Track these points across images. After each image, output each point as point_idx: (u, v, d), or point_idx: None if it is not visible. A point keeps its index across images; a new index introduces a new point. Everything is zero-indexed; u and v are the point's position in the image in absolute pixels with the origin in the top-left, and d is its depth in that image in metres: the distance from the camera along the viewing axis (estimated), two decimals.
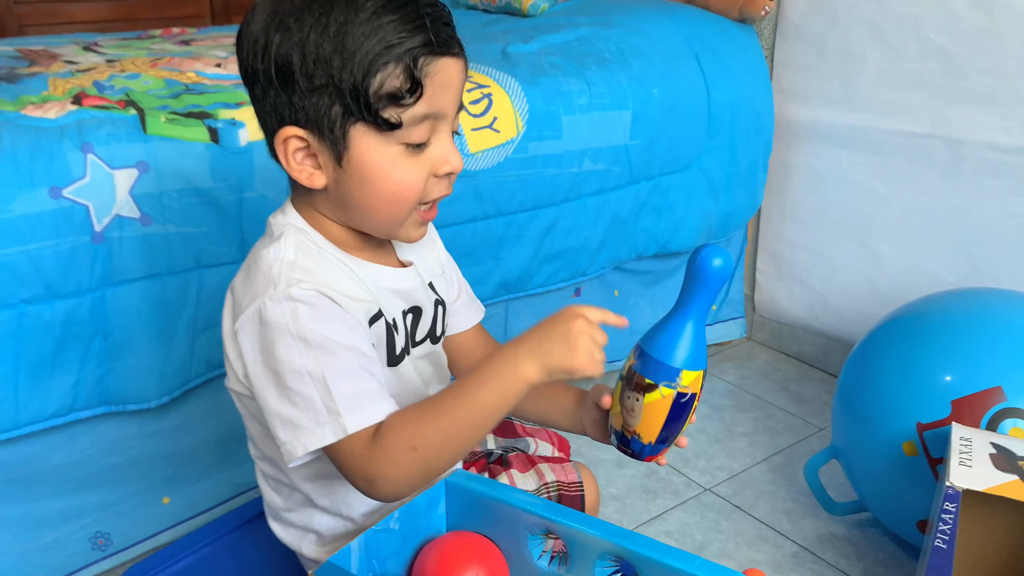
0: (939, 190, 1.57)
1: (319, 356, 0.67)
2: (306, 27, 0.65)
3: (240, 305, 0.71)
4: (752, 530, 1.36)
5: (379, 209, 0.72)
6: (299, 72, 0.66)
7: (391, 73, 0.66)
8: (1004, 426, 1.10)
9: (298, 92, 0.67)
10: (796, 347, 1.92)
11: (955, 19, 1.49)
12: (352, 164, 0.69)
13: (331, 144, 0.69)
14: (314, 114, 0.67)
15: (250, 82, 0.70)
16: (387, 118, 0.67)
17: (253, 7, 0.69)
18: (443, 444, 0.69)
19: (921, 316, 1.25)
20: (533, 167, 1.40)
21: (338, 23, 0.65)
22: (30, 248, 1.00)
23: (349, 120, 0.67)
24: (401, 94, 0.66)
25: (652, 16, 1.68)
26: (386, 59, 0.65)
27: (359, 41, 0.65)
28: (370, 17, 0.65)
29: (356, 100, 0.66)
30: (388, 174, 0.70)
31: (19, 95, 1.14)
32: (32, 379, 1.04)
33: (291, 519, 0.83)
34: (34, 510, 1.14)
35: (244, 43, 0.69)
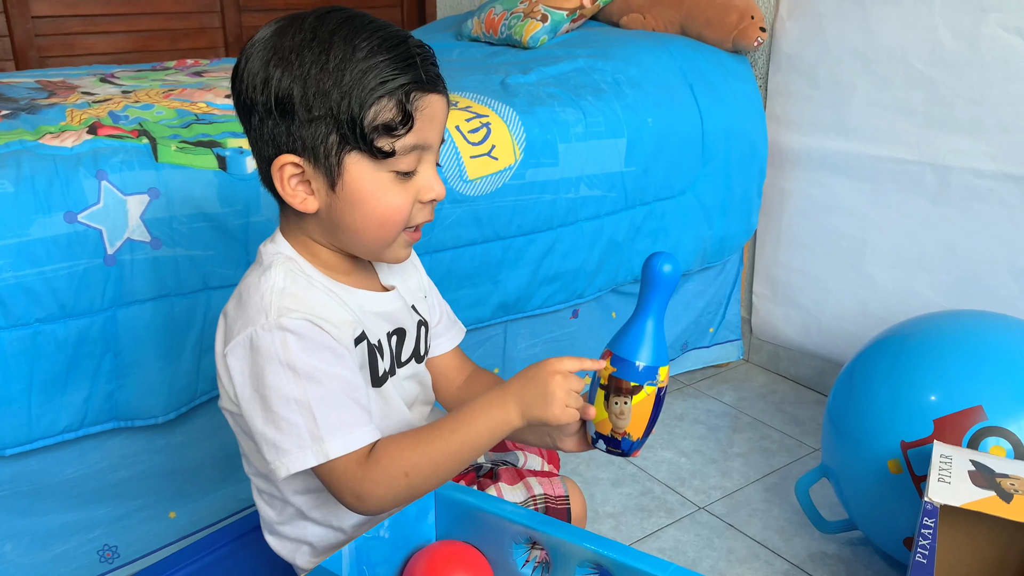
0: (928, 215, 1.61)
1: (306, 385, 0.72)
2: (307, 63, 0.70)
3: (232, 331, 0.75)
4: (744, 548, 1.39)
5: (369, 232, 0.76)
6: (299, 104, 0.71)
7: (385, 106, 0.71)
8: (985, 444, 1.12)
9: (297, 122, 0.72)
10: (792, 369, 1.95)
11: (940, 50, 1.53)
12: (345, 189, 0.74)
13: (326, 171, 0.73)
14: (311, 143, 0.72)
15: (247, 113, 0.75)
16: (381, 147, 0.72)
17: (250, 45, 0.74)
18: (432, 472, 0.76)
19: (906, 337, 1.28)
20: (531, 193, 1.45)
21: (337, 59, 0.70)
22: (46, 270, 1.05)
23: (344, 149, 0.72)
24: (394, 125, 0.72)
25: (648, 48, 1.73)
26: (380, 93, 0.71)
27: (356, 77, 0.70)
28: (366, 55, 0.71)
29: (352, 130, 0.71)
30: (379, 199, 0.75)
31: (38, 125, 1.20)
32: (45, 395, 1.09)
33: (285, 531, 0.86)
34: (44, 523, 1.18)
35: (243, 78, 0.74)
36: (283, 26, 0.73)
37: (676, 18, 1.86)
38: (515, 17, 1.93)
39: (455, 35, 2.17)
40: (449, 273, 1.41)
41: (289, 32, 0.72)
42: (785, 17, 1.78)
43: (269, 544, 0.89)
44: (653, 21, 1.90)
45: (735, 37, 1.75)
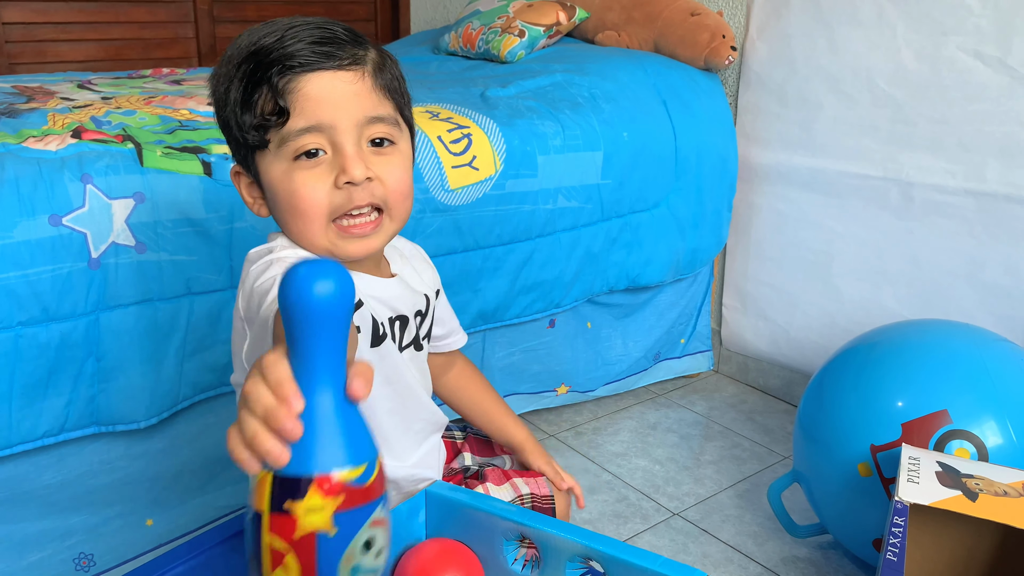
0: (892, 229, 1.66)
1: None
2: (215, 80, 0.77)
3: (251, 294, 0.75)
4: (718, 552, 1.42)
5: (295, 225, 0.76)
6: (218, 118, 0.78)
7: (264, 98, 0.73)
8: (950, 447, 1.17)
9: (226, 135, 0.78)
10: (761, 380, 1.99)
11: (903, 71, 1.60)
12: (267, 189, 0.77)
13: (254, 175, 0.78)
14: (237, 152, 0.78)
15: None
16: (260, 140, 0.74)
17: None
18: None
19: (874, 345, 1.33)
20: (510, 203, 1.47)
21: (226, 69, 0.75)
22: (29, 273, 1.05)
23: (253, 152, 0.76)
24: (270, 116, 0.73)
25: (622, 64, 1.78)
26: (251, 83, 0.73)
27: (235, 83, 0.74)
28: (241, 62, 0.74)
29: (243, 132, 0.75)
30: (286, 187, 0.75)
31: (20, 129, 1.20)
32: (26, 399, 1.08)
33: None
34: (20, 530, 1.17)
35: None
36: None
37: (650, 36, 1.90)
38: (493, 32, 1.96)
39: (432, 49, 2.20)
40: None
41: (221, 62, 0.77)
42: (755, 37, 1.83)
43: None
44: (627, 39, 1.94)
45: (707, 55, 1.80)
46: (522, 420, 1.07)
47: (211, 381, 1.25)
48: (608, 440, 1.76)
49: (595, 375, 1.81)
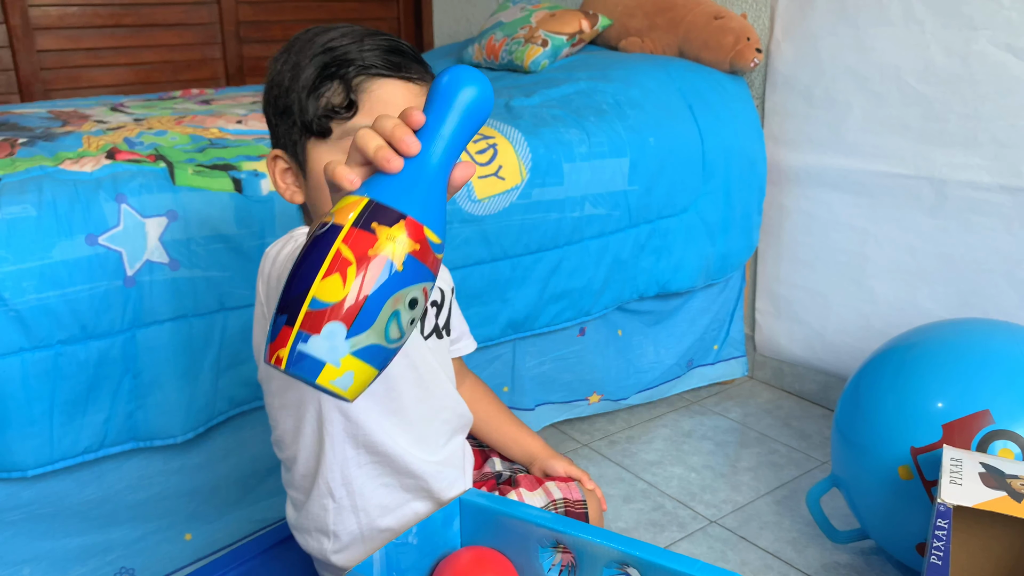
0: (926, 228, 1.64)
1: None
2: (279, 64, 0.81)
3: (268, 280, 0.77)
4: (757, 560, 1.40)
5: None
6: (275, 103, 0.81)
7: (335, 91, 0.78)
8: (993, 447, 1.14)
9: (276, 120, 0.81)
10: (797, 384, 1.97)
11: (933, 67, 1.57)
12: (310, 176, 0.81)
13: (298, 162, 0.81)
14: (286, 137, 0.81)
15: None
16: (329, 128, 0.79)
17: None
18: None
19: (912, 346, 1.30)
20: (537, 212, 1.47)
21: (296, 58, 0.80)
22: (67, 292, 1.07)
23: (305, 137, 0.80)
24: (339, 108, 0.78)
25: (647, 70, 1.77)
26: (326, 77, 0.78)
27: (310, 70, 0.79)
28: (321, 51, 0.79)
29: (305, 118, 0.78)
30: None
31: (56, 152, 1.22)
32: (66, 416, 1.10)
33: (311, 523, 0.87)
34: (62, 546, 1.19)
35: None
36: (285, 47, 0.83)
37: (674, 41, 1.90)
38: (516, 42, 1.97)
39: (455, 62, 2.21)
40: (458, 292, 1.43)
41: (285, 50, 0.82)
42: (780, 38, 1.82)
43: (297, 540, 0.91)
44: (651, 44, 1.94)
45: (732, 58, 1.79)
46: (525, 426, 1.08)
47: (246, 395, 1.26)
48: (642, 448, 1.74)
49: (627, 383, 1.80)
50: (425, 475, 0.86)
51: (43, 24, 2.33)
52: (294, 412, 0.81)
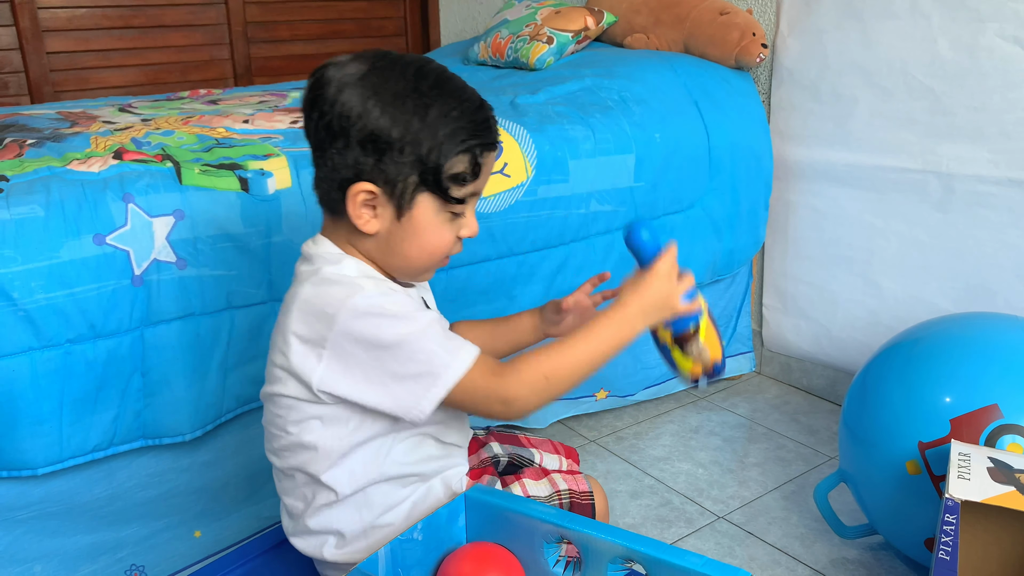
0: (934, 222, 1.63)
1: (409, 322, 0.80)
2: (408, 111, 0.79)
3: (322, 317, 0.79)
4: (765, 555, 1.39)
5: (419, 259, 0.85)
6: (393, 144, 0.79)
7: (460, 160, 0.81)
8: (1002, 442, 1.14)
9: (386, 159, 0.79)
10: (805, 380, 1.96)
11: (940, 61, 1.57)
12: (411, 222, 0.82)
13: (397, 203, 0.81)
14: (392, 178, 0.80)
15: (333, 138, 0.80)
16: (453, 194, 0.82)
17: (339, 75, 0.80)
18: (569, 374, 0.84)
19: (919, 340, 1.30)
20: (543, 209, 1.47)
21: (433, 116, 0.79)
22: (76, 291, 1.08)
23: (420, 189, 0.81)
24: (465, 177, 0.82)
25: (652, 66, 1.77)
26: (461, 149, 0.81)
27: (446, 134, 0.80)
28: (457, 117, 0.80)
29: (433, 176, 0.80)
30: (434, 234, 0.84)
31: (64, 152, 1.23)
32: (75, 414, 1.11)
33: (311, 524, 0.88)
34: (73, 543, 1.20)
35: (334, 105, 0.79)
36: (381, 68, 0.80)
37: (679, 37, 1.90)
38: (521, 40, 1.97)
39: (462, 60, 2.21)
40: (465, 289, 1.43)
41: (390, 77, 0.80)
42: (786, 33, 1.82)
43: (294, 545, 0.91)
44: (656, 41, 1.94)
45: (737, 54, 1.79)
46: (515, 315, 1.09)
47: (253, 393, 1.27)
48: (650, 444, 1.74)
49: (634, 379, 1.80)
50: (452, 483, 0.91)
51: (52, 26, 2.35)
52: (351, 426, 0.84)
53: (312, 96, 0.81)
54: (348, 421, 0.83)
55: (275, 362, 0.84)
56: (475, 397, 0.82)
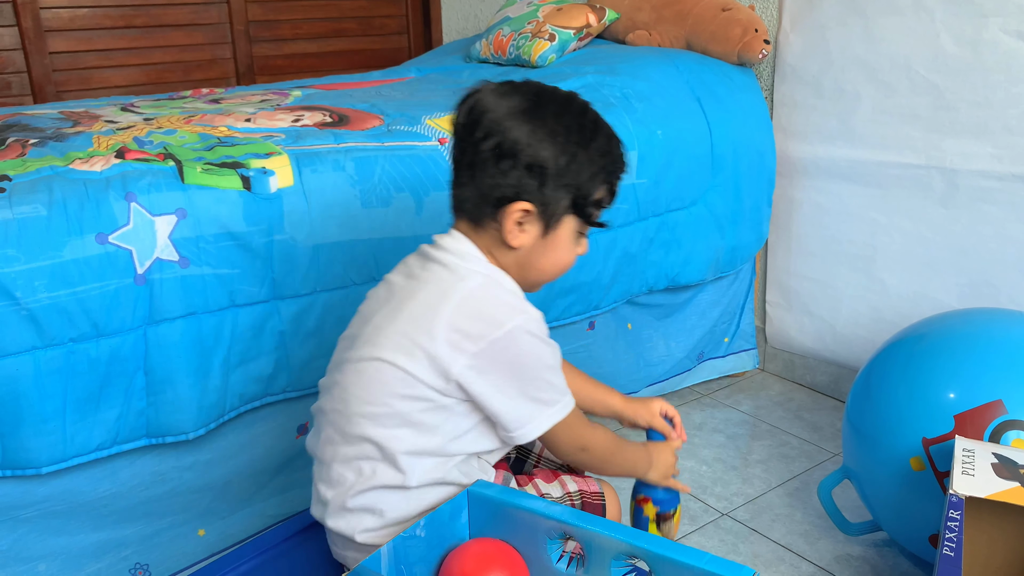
0: (937, 218, 1.63)
1: (557, 353, 0.90)
2: (572, 143, 0.88)
3: (490, 320, 0.86)
4: (769, 552, 1.39)
5: (551, 273, 0.94)
6: (556, 171, 0.87)
7: (604, 189, 0.92)
8: (1007, 438, 1.13)
9: (547, 183, 0.87)
10: (808, 376, 1.96)
11: (943, 56, 1.56)
12: (553, 240, 0.91)
13: (546, 222, 0.89)
14: (549, 200, 0.88)
15: (499, 158, 0.87)
16: (595, 219, 0.93)
17: (493, 108, 0.87)
18: (600, 462, 0.98)
19: (922, 336, 1.30)
20: None
21: (593, 151, 0.90)
22: (79, 290, 1.08)
23: (569, 211, 0.90)
24: (604, 203, 0.93)
25: (654, 63, 1.77)
26: (609, 180, 0.92)
27: (600, 166, 0.90)
28: (609, 152, 0.92)
29: (583, 201, 0.90)
30: (568, 251, 0.94)
31: (66, 151, 1.23)
32: (79, 413, 1.11)
33: (354, 503, 0.88)
34: (77, 542, 1.20)
35: (499, 133, 0.86)
36: (543, 102, 0.89)
37: (681, 34, 1.89)
38: (523, 37, 1.97)
39: (463, 58, 2.21)
40: None
41: (556, 112, 0.88)
42: (788, 29, 1.81)
43: (329, 527, 0.91)
44: (659, 37, 1.94)
45: (740, 50, 1.79)
46: (604, 385, 1.15)
47: (256, 391, 1.27)
48: None
49: (637, 376, 1.79)
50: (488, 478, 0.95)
51: (55, 26, 2.35)
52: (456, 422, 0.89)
53: (470, 120, 0.88)
54: (457, 417, 0.87)
55: (412, 336, 0.86)
56: (566, 436, 0.92)
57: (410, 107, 1.56)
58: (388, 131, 1.41)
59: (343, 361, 0.91)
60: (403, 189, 1.33)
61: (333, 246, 1.26)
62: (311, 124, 1.43)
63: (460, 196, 0.91)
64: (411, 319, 0.87)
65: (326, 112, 1.52)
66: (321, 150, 1.30)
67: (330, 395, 0.92)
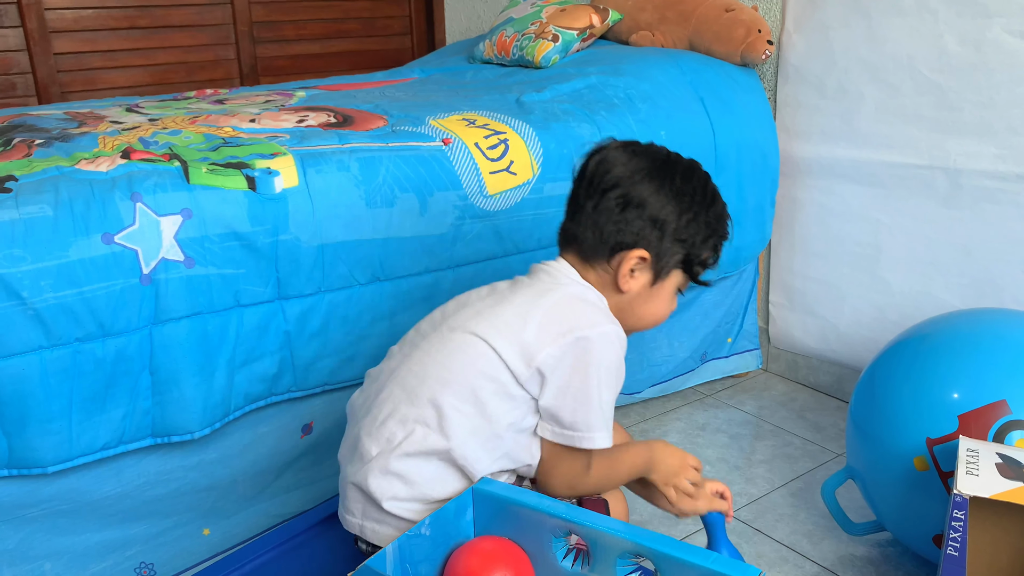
0: (941, 218, 1.63)
1: (615, 388, 0.95)
2: (696, 206, 0.98)
3: (568, 322, 0.92)
4: (773, 552, 1.39)
5: (649, 322, 1.02)
6: (676, 227, 0.96)
7: (712, 251, 1.01)
8: (1011, 438, 1.13)
9: (666, 236, 0.96)
10: (812, 377, 1.96)
11: (947, 56, 1.56)
12: (659, 290, 1.00)
13: (656, 272, 0.98)
14: (664, 252, 0.97)
15: (625, 206, 0.96)
16: (697, 275, 1.01)
17: (620, 163, 0.97)
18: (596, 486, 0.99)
19: (926, 336, 1.30)
20: (549, 207, 1.48)
21: (712, 215, 0.99)
22: (84, 290, 1.08)
23: (679, 265, 0.99)
24: (709, 263, 1.02)
25: (658, 63, 1.77)
26: (715, 244, 1.01)
27: (713, 229, 1.00)
28: (720, 219, 1.01)
29: (694, 258, 0.99)
30: (667, 304, 1.02)
31: (72, 152, 1.24)
32: (85, 412, 1.11)
33: (396, 465, 0.90)
34: (82, 541, 1.20)
35: (628, 187, 0.95)
36: (672, 165, 0.99)
37: (684, 34, 1.89)
38: (526, 38, 1.97)
39: (467, 58, 2.22)
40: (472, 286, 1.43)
41: (678, 172, 0.98)
42: (792, 30, 1.81)
43: (361, 485, 0.93)
44: (662, 38, 1.94)
45: (743, 51, 1.79)
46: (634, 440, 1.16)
47: (260, 391, 1.27)
48: None
49: (640, 376, 1.80)
50: None
51: (59, 27, 2.36)
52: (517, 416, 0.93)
53: (600, 170, 0.97)
54: (517, 412, 0.92)
55: (508, 321, 0.93)
56: (565, 466, 0.95)
57: (414, 108, 1.56)
58: (392, 131, 1.41)
59: (431, 331, 0.98)
60: (407, 189, 1.33)
61: (338, 246, 1.27)
62: (315, 124, 1.44)
63: (574, 232, 0.99)
64: (511, 308, 0.94)
65: (330, 113, 1.53)
66: (326, 150, 1.30)
67: (407, 359, 0.96)
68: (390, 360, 0.99)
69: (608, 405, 0.94)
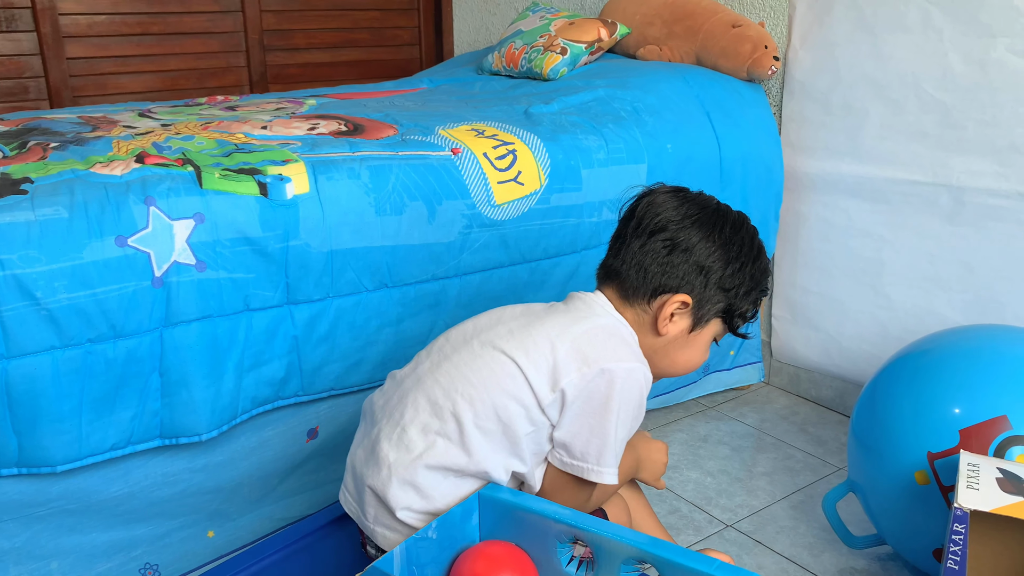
0: (944, 235, 1.64)
1: (630, 426, 0.94)
2: (743, 257, 0.99)
3: (590, 358, 0.92)
4: (773, 564, 1.40)
5: (682, 368, 1.03)
6: (721, 276, 0.98)
7: (751, 304, 1.02)
8: (1011, 453, 1.14)
9: (710, 284, 0.97)
10: (813, 391, 1.97)
11: (951, 75, 1.58)
12: (697, 337, 1.01)
13: (696, 319, 0.99)
14: (706, 299, 0.98)
15: (666, 251, 0.97)
16: (735, 326, 1.02)
17: (669, 207, 0.99)
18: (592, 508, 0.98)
19: (928, 352, 1.31)
20: (555, 217, 1.49)
21: (756, 268, 1.01)
22: (97, 292, 1.10)
23: (719, 314, 1.00)
24: (748, 316, 1.03)
25: (665, 77, 1.79)
26: (756, 298, 1.02)
27: (755, 283, 1.02)
28: (762, 274, 1.03)
29: (735, 309, 1.00)
30: (702, 353, 1.03)
31: (87, 155, 1.26)
32: (95, 413, 1.13)
33: (416, 477, 0.90)
34: (88, 541, 1.21)
35: (675, 233, 0.97)
36: (722, 215, 1.00)
37: (691, 49, 1.91)
38: (535, 51, 1.99)
39: (475, 69, 2.24)
40: (478, 296, 1.45)
41: (728, 223, 1.00)
42: (798, 46, 1.83)
43: (378, 491, 0.93)
44: (669, 52, 1.96)
45: (749, 66, 1.81)
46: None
47: (268, 395, 1.28)
48: None
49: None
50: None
51: (72, 32, 2.38)
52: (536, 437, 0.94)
53: (648, 213, 0.99)
54: (535, 442, 0.92)
55: (538, 342, 0.93)
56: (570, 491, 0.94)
57: (423, 117, 1.58)
58: (402, 140, 1.43)
59: (461, 344, 0.97)
60: (416, 198, 1.34)
61: (347, 252, 1.28)
62: (327, 132, 1.45)
63: (617, 268, 1.00)
64: (542, 331, 0.95)
65: (341, 121, 1.54)
66: (337, 158, 1.32)
67: (435, 368, 0.96)
68: (417, 366, 0.99)
69: (621, 443, 0.93)
